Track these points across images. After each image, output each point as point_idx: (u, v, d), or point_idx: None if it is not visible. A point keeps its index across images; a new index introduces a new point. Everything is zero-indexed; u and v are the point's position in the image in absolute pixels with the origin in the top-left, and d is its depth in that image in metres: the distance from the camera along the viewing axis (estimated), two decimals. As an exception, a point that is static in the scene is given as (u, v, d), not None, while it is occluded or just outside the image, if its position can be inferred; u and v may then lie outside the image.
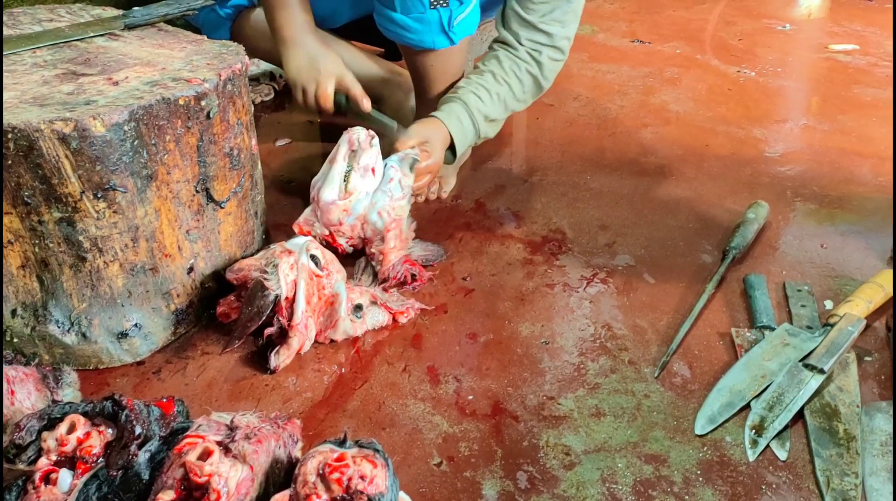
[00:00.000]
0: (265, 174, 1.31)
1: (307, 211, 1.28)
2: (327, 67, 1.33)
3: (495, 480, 0.93)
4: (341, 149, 1.25)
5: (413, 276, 1.27)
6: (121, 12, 1.26)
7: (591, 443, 0.99)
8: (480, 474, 0.94)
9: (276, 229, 1.41)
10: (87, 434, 0.81)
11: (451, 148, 1.42)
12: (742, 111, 1.98)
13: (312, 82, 1.34)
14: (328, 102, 1.35)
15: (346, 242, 1.28)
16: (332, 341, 1.15)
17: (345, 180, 1.25)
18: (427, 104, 1.53)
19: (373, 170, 1.27)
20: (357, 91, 1.34)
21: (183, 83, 1.04)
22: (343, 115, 1.41)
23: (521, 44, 1.44)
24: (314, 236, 1.27)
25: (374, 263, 1.28)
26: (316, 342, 1.14)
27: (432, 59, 1.44)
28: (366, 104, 1.35)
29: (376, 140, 1.27)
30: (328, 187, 1.25)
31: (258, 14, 1.61)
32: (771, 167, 1.70)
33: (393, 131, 1.37)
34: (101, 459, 0.80)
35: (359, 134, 1.25)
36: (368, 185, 1.26)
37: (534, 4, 1.41)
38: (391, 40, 1.45)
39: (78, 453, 0.80)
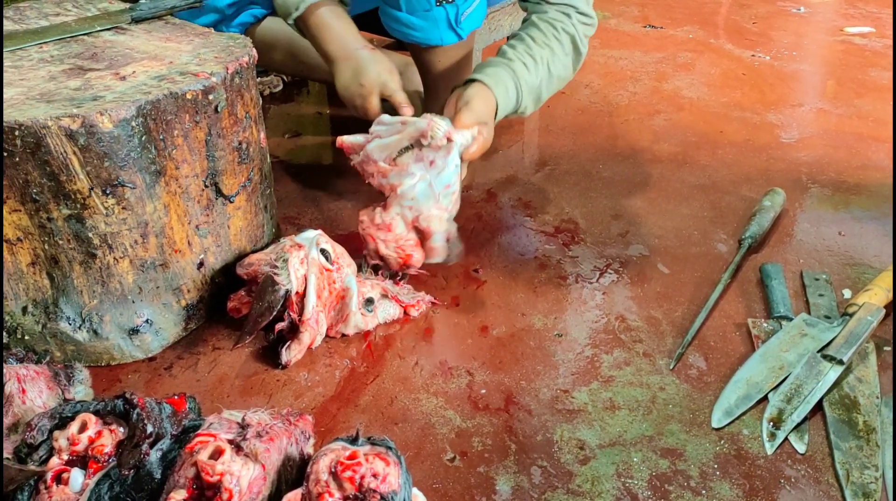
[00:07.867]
0: (275, 167, 1.30)
1: (359, 136, 1.20)
2: (370, 78, 1.26)
3: (509, 475, 0.92)
4: (415, 127, 1.16)
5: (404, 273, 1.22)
6: (128, 5, 1.25)
7: (606, 437, 0.97)
8: (494, 469, 0.93)
9: (286, 222, 1.40)
10: (99, 433, 0.80)
11: None
12: (757, 96, 1.95)
13: (358, 98, 1.28)
14: (373, 116, 1.27)
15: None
16: (343, 335, 1.14)
17: (399, 153, 1.16)
18: (435, 98, 1.50)
19: (431, 162, 1.16)
20: (398, 99, 1.27)
21: (190, 77, 1.03)
22: None
23: (549, 2, 1.34)
24: (351, 159, 1.21)
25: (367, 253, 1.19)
26: (327, 336, 1.13)
27: (439, 54, 1.43)
28: (406, 111, 1.26)
29: (455, 146, 1.17)
30: (379, 146, 1.17)
31: (263, 27, 1.57)
32: (787, 153, 1.67)
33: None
34: (112, 458, 0.80)
35: (436, 130, 1.14)
36: (421, 172, 1.15)
37: None
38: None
39: (89, 452, 0.80)
